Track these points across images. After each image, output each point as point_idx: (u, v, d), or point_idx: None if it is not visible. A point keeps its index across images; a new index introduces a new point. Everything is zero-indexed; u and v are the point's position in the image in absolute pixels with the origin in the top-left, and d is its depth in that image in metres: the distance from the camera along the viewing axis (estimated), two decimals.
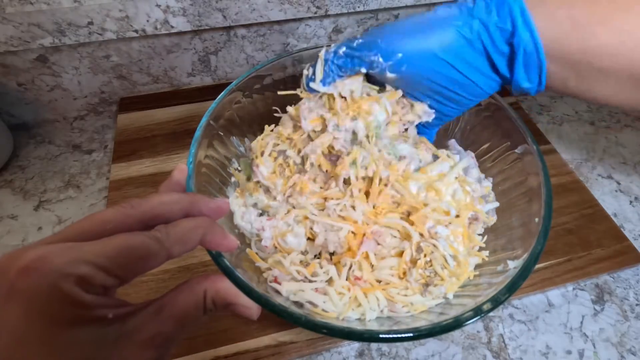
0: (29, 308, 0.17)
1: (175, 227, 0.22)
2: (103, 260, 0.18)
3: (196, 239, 0.22)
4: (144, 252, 0.20)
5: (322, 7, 0.57)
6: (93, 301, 0.18)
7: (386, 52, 0.30)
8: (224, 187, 0.38)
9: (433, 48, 0.29)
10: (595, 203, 0.50)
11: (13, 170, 0.54)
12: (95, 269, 0.18)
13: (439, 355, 0.39)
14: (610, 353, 0.40)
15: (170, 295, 0.22)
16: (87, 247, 0.19)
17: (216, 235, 0.23)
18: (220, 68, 0.64)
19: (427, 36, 0.29)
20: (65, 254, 0.18)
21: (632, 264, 0.45)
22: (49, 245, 0.18)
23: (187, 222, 0.22)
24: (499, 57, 0.29)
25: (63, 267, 0.17)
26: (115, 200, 0.49)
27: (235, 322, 0.39)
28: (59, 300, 0.17)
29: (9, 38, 0.49)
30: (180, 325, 0.21)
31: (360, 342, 0.39)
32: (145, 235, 0.20)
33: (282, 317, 0.25)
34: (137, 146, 0.55)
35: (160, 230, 0.21)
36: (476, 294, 0.30)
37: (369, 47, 0.31)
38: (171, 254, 0.21)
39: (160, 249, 0.20)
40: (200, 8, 0.53)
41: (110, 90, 0.61)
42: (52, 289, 0.17)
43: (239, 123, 0.40)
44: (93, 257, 0.18)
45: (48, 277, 0.17)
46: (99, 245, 0.19)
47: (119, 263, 0.19)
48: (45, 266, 0.17)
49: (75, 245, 0.19)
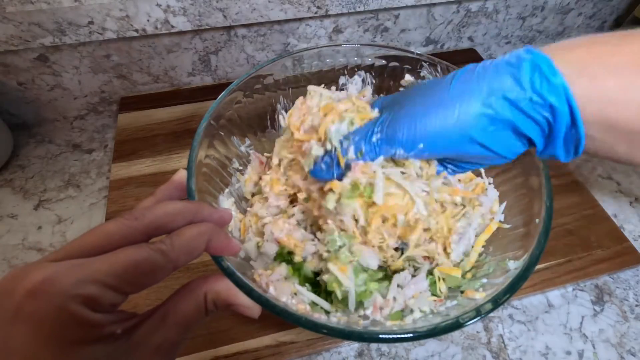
0: (38, 331, 0.16)
1: (179, 238, 0.21)
2: (110, 278, 0.18)
3: (201, 247, 0.22)
4: (149, 267, 0.20)
5: (323, 7, 0.57)
6: (102, 320, 0.18)
7: (407, 145, 0.28)
8: (224, 187, 0.38)
9: (455, 135, 0.27)
10: (595, 204, 0.50)
11: (13, 170, 0.54)
12: (103, 287, 0.18)
13: (438, 355, 0.40)
14: (609, 354, 0.40)
15: (172, 302, 0.22)
16: (93, 264, 0.18)
17: (220, 240, 0.23)
18: (221, 68, 0.64)
19: (447, 122, 0.26)
20: (72, 274, 0.18)
21: (632, 265, 0.45)
22: (55, 264, 0.18)
23: (190, 230, 0.22)
24: (533, 132, 0.26)
25: (70, 288, 0.17)
26: (115, 200, 0.49)
27: (236, 322, 0.39)
28: (68, 321, 0.17)
29: (9, 37, 0.49)
30: (184, 330, 0.21)
31: (360, 342, 0.39)
32: (151, 248, 0.20)
33: (282, 317, 0.25)
34: (137, 146, 0.55)
35: (164, 242, 0.21)
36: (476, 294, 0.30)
37: (390, 142, 0.29)
38: (177, 265, 0.21)
39: (165, 261, 0.20)
40: (200, 8, 0.53)
41: (110, 89, 0.61)
42: (60, 311, 0.17)
43: (240, 123, 0.40)
44: (100, 276, 0.18)
45: (55, 299, 0.17)
46: (105, 263, 0.19)
47: (125, 280, 0.19)
48: (52, 288, 0.17)
49: (81, 263, 0.18)
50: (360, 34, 0.65)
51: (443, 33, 0.69)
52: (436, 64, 0.41)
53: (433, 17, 0.66)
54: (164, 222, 0.22)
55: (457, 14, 0.66)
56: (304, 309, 0.29)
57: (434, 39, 0.70)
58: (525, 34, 0.73)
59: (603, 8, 0.73)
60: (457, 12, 0.66)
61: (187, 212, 0.23)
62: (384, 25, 0.65)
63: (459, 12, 0.66)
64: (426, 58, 0.41)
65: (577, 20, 0.74)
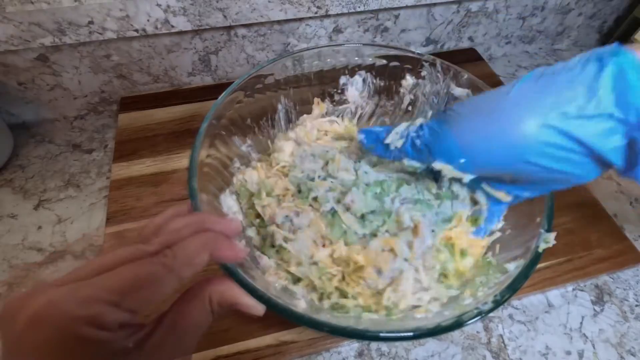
0: (41, 358, 0.16)
1: (182, 250, 0.21)
2: (111, 295, 0.18)
3: (205, 258, 0.22)
4: (152, 280, 0.19)
5: (323, 7, 0.57)
6: (110, 337, 0.18)
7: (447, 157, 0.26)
8: (225, 187, 0.38)
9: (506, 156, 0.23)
10: (595, 203, 0.50)
11: (13, 170, 0.54)
12: (105, 305, 0.18)
13: (438, 355, 0.40)
14: (609, 354, 0.40)
15: (179, 307, 0.22)
16: (93, 284, 0.18)
17: (224, 249, 0.23)
18: (221, 68, 0.64)
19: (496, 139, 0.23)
20: (72, 296, 0.17)
21: (632, 265, 0.45)
22: (55, 288, 0.18)
23: (192, 242, 0.22)
24: (610, 152, 0.22)
25: (72, 310, 0.17)
26: (115, 200, 0.49)
27: (237, 322, 0.39)
28: (74, 344, 0.16)
29: (9, 37, 0.49)
30: (194, 335, 0.21)
31: (362, 340, 0.39)
32: (152, 262, 0.20)
33: (286, 316, 0.25)
34: (137, 145, 0.55)
35: (167, 255, 0.21)
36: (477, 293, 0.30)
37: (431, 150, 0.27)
38: (182, 277, 0.21)
39: (169, 275, 0.20)
40: (200, 8, 0.53)
41: (110, 89, 0.61)
42: (65, 336, 0.16)
43: (241, 123, 0.40)
44: (102, 294, 0.18)
45: (58, 324, 0.16)
46: (106, 281, 0.18)
47: (129, 296, 0.18)
48: (53, 312, 0.17)
49: (82, 284, 0.18)
50: (361, 34, 0.65)
51: (443, 33, 0.69)
52: (436, 64, 0.41)
53: (433, 17, 0.66)
54: (173, 239, 0.22)
55: (457, 14, 0.66)
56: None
57: (434, 39, 0.70)
58: (526, 34, 0.73)
59: (603, 8, 0.73)
60: (457, 12, 0.66)
61: (192, 223, 0.23)
62: (384, 25, 0.65)
63: (459, 12, 0.66)
64: (426, 57, 0.42)
65: (577, 20, 0.74)
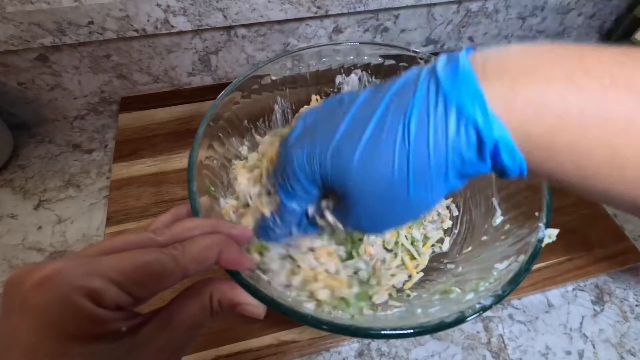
0: (40, 321, 0.17)
1: (191, 245, 0.21)
2: (116, 274, 0.18)
3: (212, 257, 0.22)
4: (158, 269, 0.20)
5: (323, 7, 0.57)
6: (105, 315, 0.18)
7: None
8: (225, 188, 0.38)
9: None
10: (596, 203, 0.50)
11: (13, 170, 0.54)
12: (108, 282, 0.18)
13: (438, 355, 0.40)
14: (609, 354, 0.40)
15: (177, 303, 0.22)
16: (101, 261, 0.19)
17: (233, 254, 0.23)
18: (221, 68, 0.64)
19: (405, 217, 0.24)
20: (79, 267, 0.18)
21: (632, 264, 0.45)
22: (65, 260, 0.18)
23: (203, 239, 0.22)
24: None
25: (75, 279, 0.17)
26: (116, 200, 0.49)
27: (237, 322, 0.39)
28: (70, 313, 0.17)
29: (9, 37, 0.49)
30: (189, 332, 0.21)
31: (364, 338, 0.39)
32: (161, 251, 0.20)
33: (288, 316, 0.25)
34: (138, 145, 0.55)
35: (176, 247, 0.21)
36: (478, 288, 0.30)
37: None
38: (187, 272, 0.21)
39: (175, 266, 0.20)
40: (200, 8, 0.53)
41: (110, 89, 0.61)
42: (63, 301, 0.17)
43: (238, 124, 0.40)
44: (107, 271, 0.18)
45: (60, 289, 0.17)
46: (113, 260, 0.19)
47: (132, 278, 0.19)
48: (57, 278, 0.17)
49: (91, 259, 0.19)
50: (360, 34, 0.65)
51: (443, 33, 0.69)
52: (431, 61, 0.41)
53: (433, 17, 0.66)
54: (183, 236, 0.22)
55: (457, 14, 0.66)
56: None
57: (434, 38, 0.70)
58: (526, 34, 0.73)
59: (603, 8, 0.73)
60: (457, 12, 0.66)
61: (205, 225, 0.23)
62: (384, 25, 0.65)
63: (459, 12, 0.66)
64: (422, 55, 0.42)
65: (577, 20, 0.74)
